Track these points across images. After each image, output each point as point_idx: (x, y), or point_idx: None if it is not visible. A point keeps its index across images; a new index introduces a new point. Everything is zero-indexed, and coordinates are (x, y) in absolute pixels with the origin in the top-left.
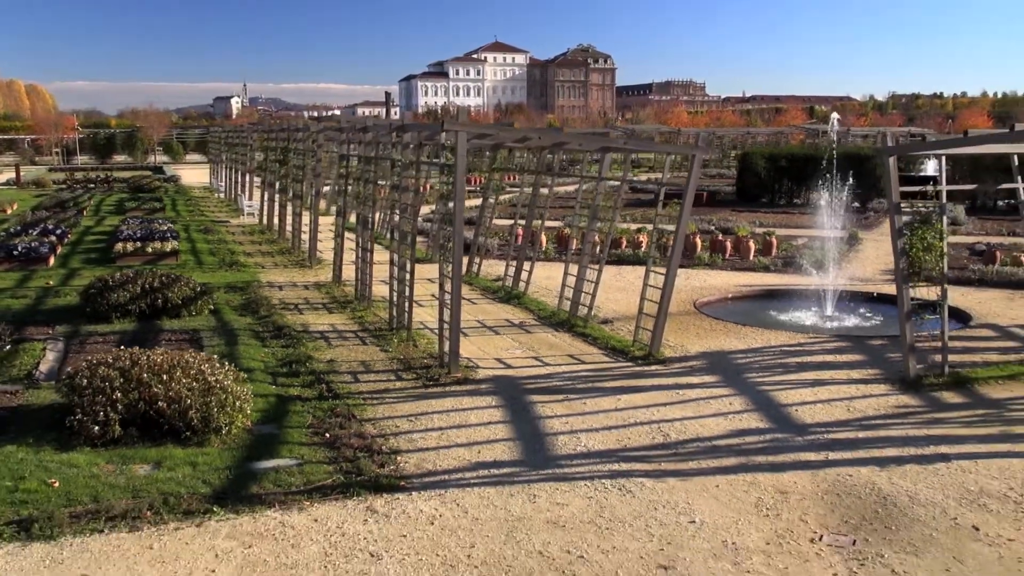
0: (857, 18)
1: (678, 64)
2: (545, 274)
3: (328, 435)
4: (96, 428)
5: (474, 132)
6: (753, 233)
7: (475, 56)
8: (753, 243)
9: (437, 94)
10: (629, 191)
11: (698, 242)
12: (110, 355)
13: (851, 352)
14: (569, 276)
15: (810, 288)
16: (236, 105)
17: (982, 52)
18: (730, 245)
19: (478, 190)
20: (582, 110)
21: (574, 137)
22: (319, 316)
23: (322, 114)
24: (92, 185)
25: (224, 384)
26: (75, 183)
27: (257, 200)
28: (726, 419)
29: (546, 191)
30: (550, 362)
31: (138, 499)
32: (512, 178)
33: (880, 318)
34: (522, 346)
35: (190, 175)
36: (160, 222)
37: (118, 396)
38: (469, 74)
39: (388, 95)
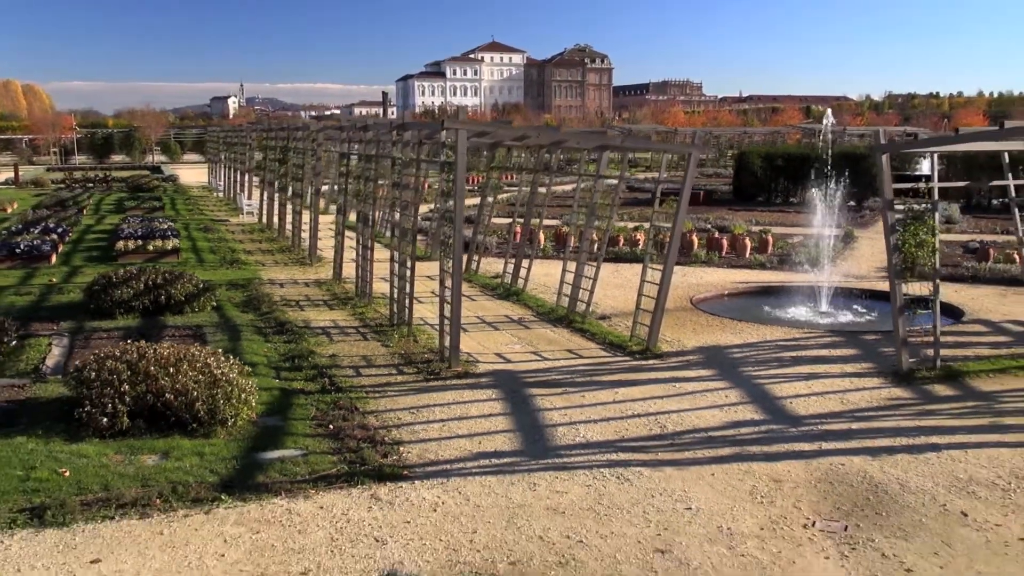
0: (854, 18)
1: (675, 64)
2: (543, 271)
3: (332, 427)
4: (105, 420)
5: (474, 130)
6: (749, 231)
7: (472, 56)
8: (749, 241)
9: (434, 94)
10: (626, 190)
11: (695, 240)
12: (118, 348)
13: (845, 347)
14: (567, 273)
15: (805, 285)
16: (233, 105)
17: (979, 52)
18: (726, 243)
19: (476, 189)
20: (579, 110)
21: (572, 135)
22: (320, 312)
23: (321, 113)
24: (91, 184)
25: (230, 377)
26: (74, 182)
27: (256, 199)
28: (722, 411)
29: (544, 190)
30: (549, 357)
31: (147, 488)
32: (510, 177)
33: (874, 314)
34: (521, 341)
35: (188, 175)
36: (160, 220)
37: (126, 388)
38: (466, 74)
39: (385, 95)
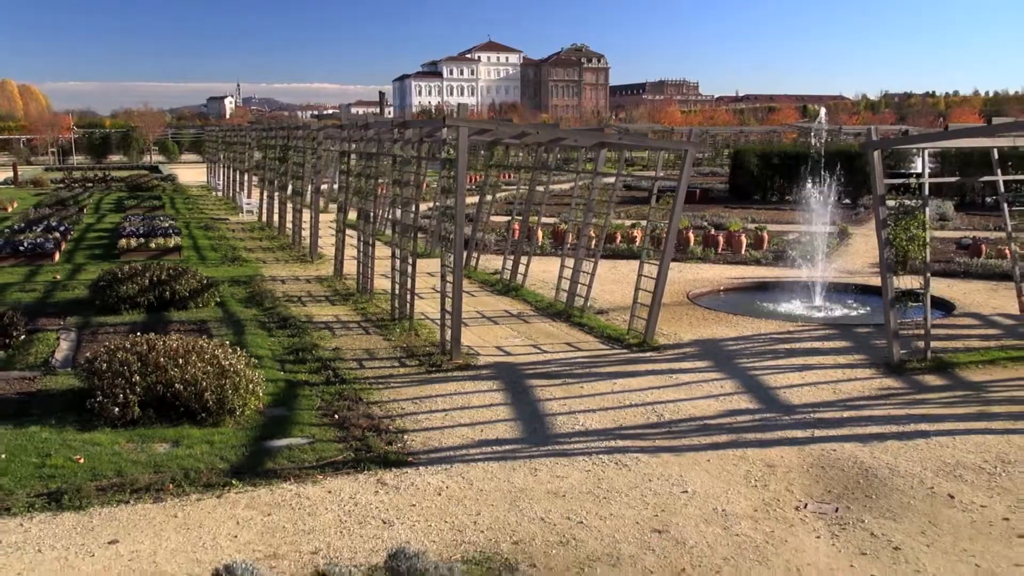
0: (851, 18)
1: (672, 63)
2: (541, 268)
3: (337, 416)
4: (116, 409)
5: (475, 128)
6: (745, 228)
7: (469, 56)
8: (745, 238)
9: (431, 94)
10: (624, 189)
11: (691, 237)
12: (128, 340)
13: (838, 339)
14: (566, 269)
15: (800, 280)
16: (230, 105)
17: (975, 52)
18: (722, 240)
19: (474, 188)
20: (576, 109)
21: (571, 133)
22: (322, 308)
23: (322, 112)
24: (90, 184)
25: (237, 368)
26: (73, 182)
27: (256, 198)
28: (717, 400)
29: (542, 188)
30: (548, 350)
31: (160, 473)
32: (508, 176)
33: (867, 308)
34: (521, 335)
35: (186, 174)
36: (161, 219)
37: (137, 379)
38: (463, 74)
39: (382, 95)
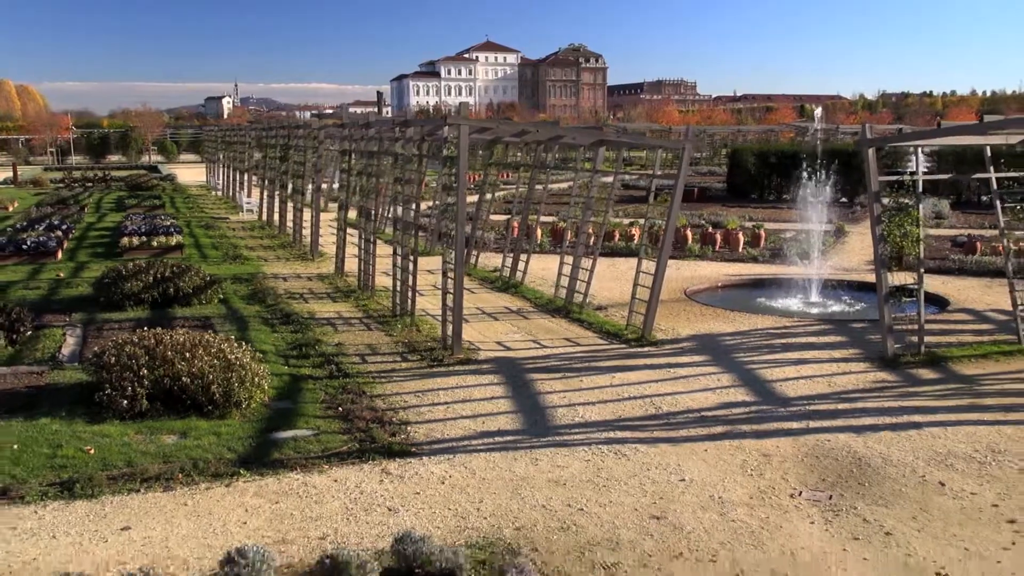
0: (848, 18)
1: (670, 63)
2: (541, 266)
3: (341, 409)
4: (124, 402)
5: (475, 126)
6: (742, 226)
7: (466, 56)
8: (742, 236)
9: (429, 94)
10: (622, 188)
11: (689, 235)
12: (135, 335)
13: (834, 334)
14: (565, 266)
15: (796, 277)
16: (227, 105)
17: (972, 51)
18: (720, 237)
19: (473, 188)
20: (573, 109)
21: (571, 131)
22: (324, 304)
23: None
24: (90, 183)
25: (243, 361)
26: (73, 181)
27: (256, 197)
28: (714, 393)
29: (541, 187)
30: (548, 345)
31: (169, 463)
32: (507, 175)
33: (862, 304)
34: (521, 330)
35: (185, 174)
36: (162, 217)
37: (144, 372)
38: (461, 74)
39: (380, 95)
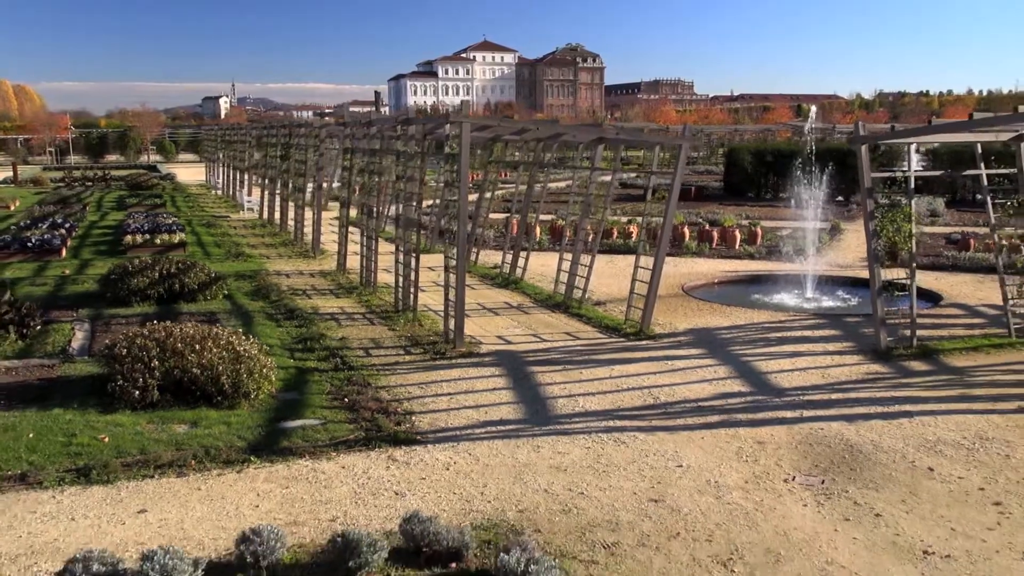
0: (847, 18)
1: (667, 63)
2: (540, 263)
3: (347, 400)
4: (136, 392)
5: (477, 124)
6: (739, 224)
7: (464, 55)
8: (739, 233)
9: (426, 93)
10: (620, 186)
11: (686, 232)
12: (146, 328)
13: (828, 328)
14: (564, 262)
15: (792, 273)
16: (225, 105)
17: (969, 51)
18: (717, 235)
19: (473, 186)
20: (571, 109)
21: (570, 128)
22: (327, 300)
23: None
24: (90, 183)
25: (252, 353)
26: (73, 181)
27: (256, 196)
28: (711, 384)
29: (540, 185)
30: (548, 338)
31: (181, 451)
32: (506, 174)
33: (857, 299)
34: (521, 325)
35: (185, 173)
36: (164, 216)
37: (155, 364)
38: (458, 73)
39: (377, 94)
